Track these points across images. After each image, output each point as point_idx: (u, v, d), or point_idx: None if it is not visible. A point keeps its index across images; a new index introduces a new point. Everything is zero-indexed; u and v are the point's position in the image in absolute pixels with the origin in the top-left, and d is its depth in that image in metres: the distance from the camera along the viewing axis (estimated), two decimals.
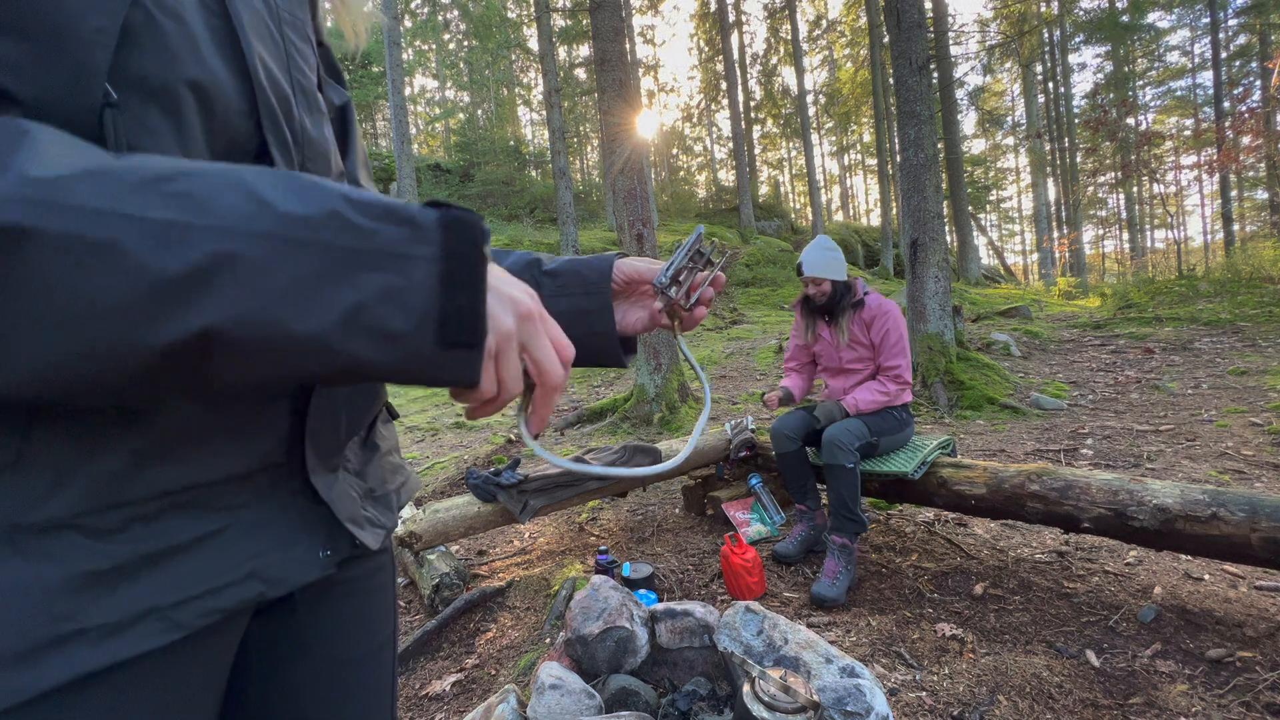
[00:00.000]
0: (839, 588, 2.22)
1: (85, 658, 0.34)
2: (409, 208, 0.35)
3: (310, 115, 0.49)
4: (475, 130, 26.00)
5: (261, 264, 0.30)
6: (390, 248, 0.34)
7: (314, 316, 0.31)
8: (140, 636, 0.37)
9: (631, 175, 5.50)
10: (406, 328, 0.34)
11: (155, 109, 0.36)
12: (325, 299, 0.32)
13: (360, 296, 0.32)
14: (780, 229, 21.22)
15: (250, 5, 0.44)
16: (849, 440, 2.34)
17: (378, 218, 0.34)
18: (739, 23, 23.00)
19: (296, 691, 0.53)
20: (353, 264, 0.32)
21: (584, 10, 13.49)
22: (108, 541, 0.36)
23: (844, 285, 2.62)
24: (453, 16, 24.20)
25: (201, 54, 0.38)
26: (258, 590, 0.43)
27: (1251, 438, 3.55)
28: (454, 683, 1.91)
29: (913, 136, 5.65)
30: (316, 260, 0.31)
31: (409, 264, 0.34)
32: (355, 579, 0.57)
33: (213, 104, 0.39)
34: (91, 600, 0.35)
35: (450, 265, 0.35)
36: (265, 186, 0.32)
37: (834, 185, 40.61)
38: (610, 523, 3.16)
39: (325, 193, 0.33)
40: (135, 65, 0.35)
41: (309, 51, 0.51)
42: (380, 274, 0.33)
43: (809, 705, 1.22)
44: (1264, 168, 15.43)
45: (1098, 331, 7.65)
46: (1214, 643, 1.74)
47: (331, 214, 0.33)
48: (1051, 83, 22.42)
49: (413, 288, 0.34)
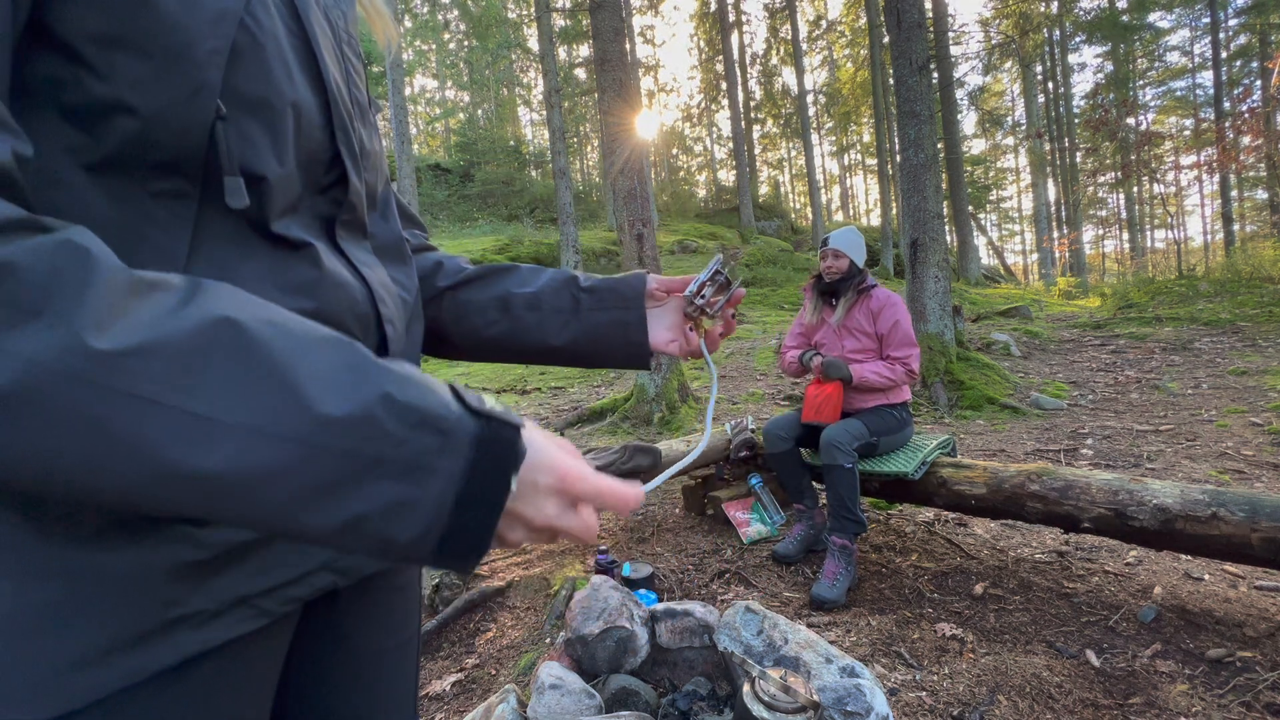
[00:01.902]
0: (838, 589, 2.21)
1: (190, 641, 0.38)
2: (448, 417, 0.34)
3: (365, 128, 0.52)
4: (475, 130, 26.03)
5: (285, 469, 0.30)
6: (414, 459, 0.32)
7: (317, 519, 0.31)
8: (235, 622, 0.40)
9: (631, 175, 5.50)
10: (407, 539, 0.33)
11: (255, 123, 0.39)
12: (333, 506, 0.31)
13: (366, 509, 0.32)
14: (780, 229, 21.23)
15: (323, 28, 0.47)
16: (847, 441, 2.34)
17: (414, 426, 0.32)
18: (739, 23, 23.00)
19: (332, 679, 0.56)
20: (370, 473, 0.31)
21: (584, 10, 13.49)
22: (209, 531, 0.39)
23: (857, 269, 2.66)
24: (453, 16, 24.18)
25: (292, 72, 0.42)
26: (330, 580, 0.47)
27: (1251, 438, 3.55)
28: (454, 683, 1.91)
29: (913, 136, 5.65)
30: (334, 468, 0.31)
31: (428, 477, 0.33)
32: (390, 573, 0.60)
33: (300, 118, 0.43)
34: (194, 588, 0.38)
35: (471, 486, 0.34)
36: (311, 379, 0.31)
37: (834, 185, 40.62)
38: (610, 523, 3.16)
39: (371, 389, 0.32)
40: (241, 82, 0.38)
41: (361, 67, 0.54)
42: (395, 484, 0.32)
43: (809, 705, 1.22)
44: (1264, 168, 15.41)
45: (1098, 331, 7.65)
46: (1214, 643, 1.74)
47: (368, 417, 0.31)
48: (1051, 83, 22.42)
49: (425, 502, 0.33)
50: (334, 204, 0.48)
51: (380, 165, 0.56)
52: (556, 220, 13.43)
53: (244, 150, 0.39)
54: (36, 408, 0.25)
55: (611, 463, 2.72)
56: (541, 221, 19.38)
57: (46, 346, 0.25)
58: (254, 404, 0.29)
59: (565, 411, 6.08)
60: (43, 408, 0.25)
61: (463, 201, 21.12)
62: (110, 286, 0.28)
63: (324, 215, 0.48)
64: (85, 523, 0.35)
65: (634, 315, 0.66)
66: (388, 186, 0.59)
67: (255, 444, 0.29)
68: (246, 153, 0.39)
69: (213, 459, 0.28)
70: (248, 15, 0.39)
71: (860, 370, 2.47)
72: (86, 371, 0.26)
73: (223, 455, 0.28)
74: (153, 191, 0.37)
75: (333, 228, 0.48)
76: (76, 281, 0.27)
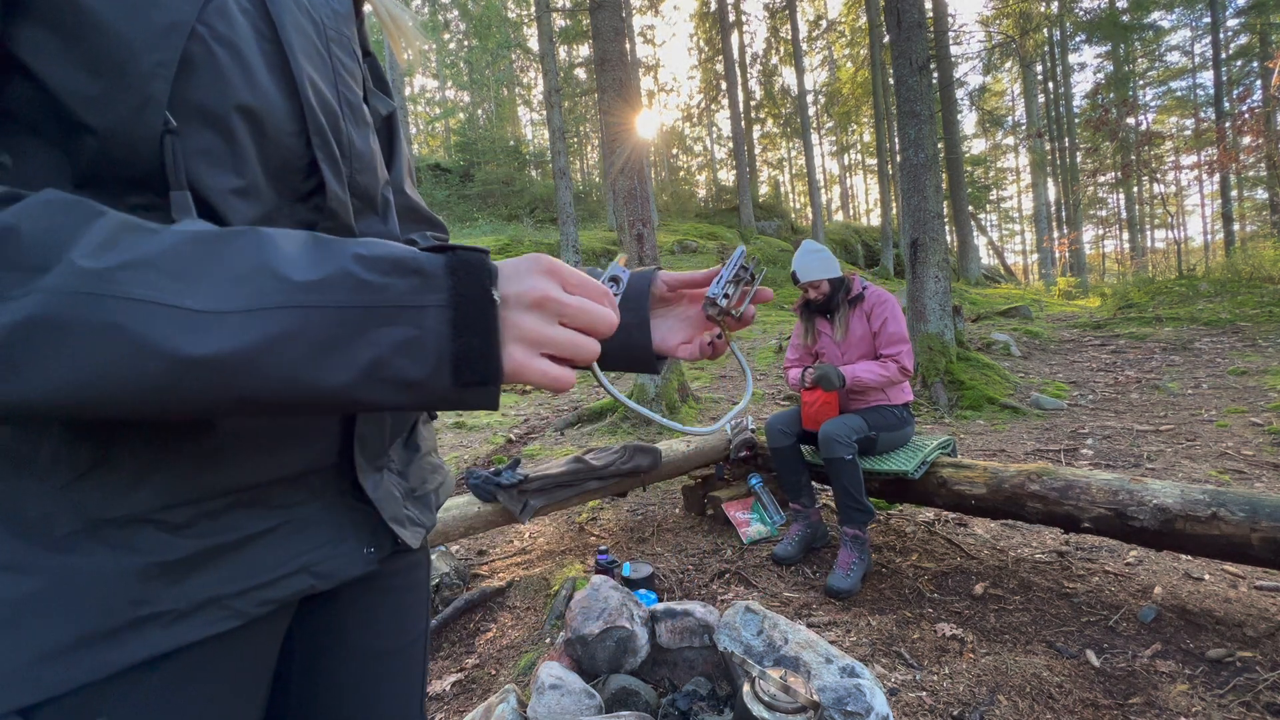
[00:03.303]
0: (853, 578, 2.24)
1: (159, 639, 0.39)
2: (417, 258, 0.37)
3: (357, 128, 0.51)
4: (475, 130, 26.02)
5: (284, 335, 0.33)
6: (402, 300, 0.35)
7: (336, 375, 0.34)
8: (205, 622, 0.41)
9: (631, 175, 5.50)
10: (423, 375, 0.36)
11: (211, 133, 0.39)
12: (345, 358, 0.34)
13: (378, 352, 0.35)
14: (780, 229, 21.22)
15: (300, 27, 0.46)
16: (846, 434, 2.35)
17: (387, 272, 0.36)
18: (739, 23, 23.00)
19: (334, 680, 0.56)
20: (368, 321, 0.34)
21: (584, 10, 13.49)
22: (179, 535, 0.39)
23: (839, 281, 2.64)
24: (453, 16, 24.19)
25: (255, 79, 0.41)
26: (308, 583, 0.47)
27: (1251, 438, 3.55)
28: (454, 683, 1.91)
29: (913, 136, 5.65)
30: (333, 323, 0.34)
31: (421, 314, 0.36)
32: (394, 574, 0.59)
33: (264, 126, 0.42)
34: (164, 588, 0.39)
35: (461, 310, 0.36)
36: (281, 258, 0.34)
37: (834, 185, 40.62)
38: (610, 523, 3.15)
39: (338, 253, 0.35)
40: (192, 93, 0.38)
41: (354, 66, 0.53)
42: (395, 327, 0.35)
43: (809, 705, 1.22)
44: (1264, 168, 15.41)
45: (1098, 331, 7.65)
46: (1214, 643, 1.74)
47: (344, 274, 0.35)
48: (1051, 83, 22.42)
49: (426, 337, 0.36)
50: (315, 211, 0.47)
51: (378, 166, 0.55)
52: (556, 220, 13.43)
53: (196, 164, 0.39)
54: (59, 328, 0.29)
55: (611, 462, 2.72)
56: (541, 221, 19.38)
57: (54, 278, 0.29)
58: (239, 291, 0.32)
59: (565, 411, 6.08)
60: (63, 327, 0.29)
61: (463, 201, 21.12)
62: (99, 227, 0.31)
63: (305, 223, 0.47)
64: (57, 525, 0.36)
65: (636, 318, 0.61)
66: (388, 186, 0.58)
67: (252, 321, 0.32)
68: (199, 166, 0.39)
69: (220, 342, 0.31)
70: (201, 24, 0.38)
71: (851, 371, 2.47)
72: (89, 286, 0.29)
73: (226, 337, 0.31)
74: (129, 206, 0.37)
75: None
76: (70, 229, 0.30)
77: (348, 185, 0.50)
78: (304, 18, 0.47)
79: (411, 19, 0.61)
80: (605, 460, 2.73)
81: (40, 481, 0.36)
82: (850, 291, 2.63)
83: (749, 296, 0.63)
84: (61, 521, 0.36)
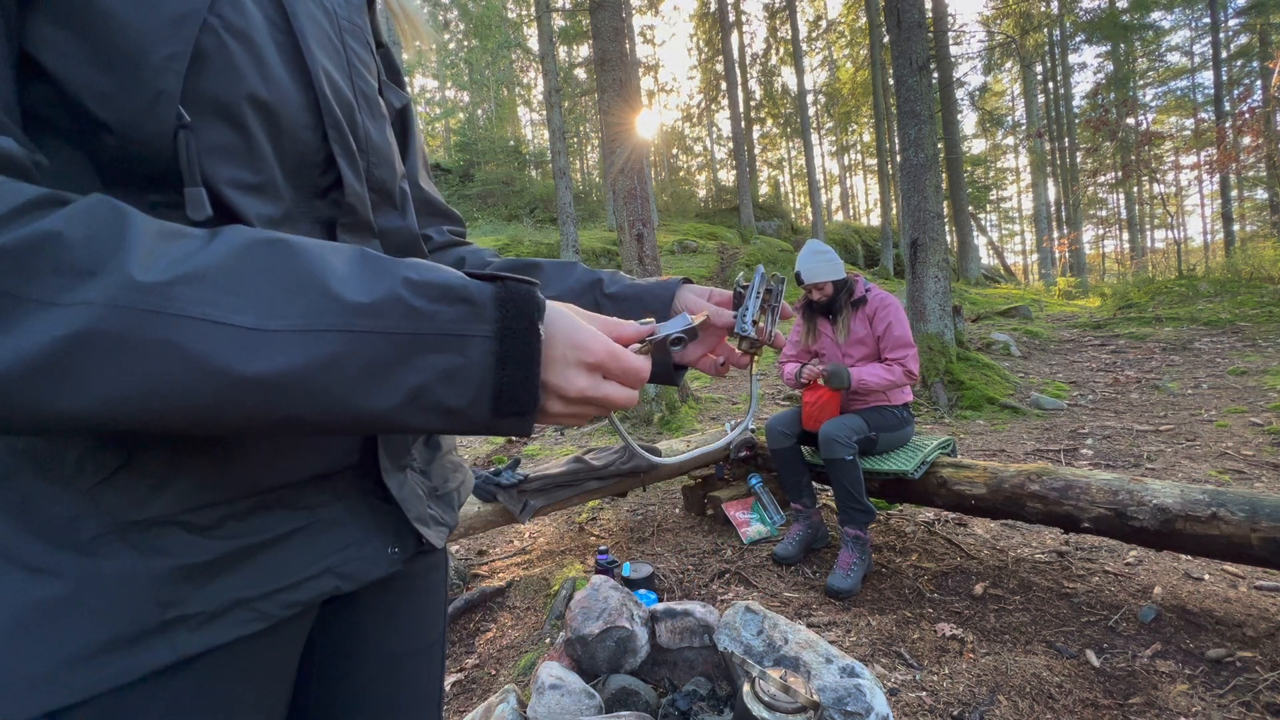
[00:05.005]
0: (853, 578, 2.25)
1: (187, 642, 0.38)
2: (466, 285, 0.37)
3: (373, 121, 0.51)
4: (475, 130, 25.98)
5: (335, 358, 0.33)
6: (449, 329, 0.36)
7: (379, 400, 0.34)
8: (232, 624, 0.40)
9: (631, 175, 5.50)
10: (463, 404, 0.36)
11: (225, 128, 0.39)
12: (389, 384, 0.34)
13: (422, 379, 0.35)
14: (780, 229, 21.22)
15: (314, 18, 0.45)
16: (846, 434, 2.35)
17: (436, 299, 0.36)
18: (739, 23, 23.00)
19: (354, 682, 0.55)
20: (415, 348, 0.35)
21: (584, 10, 13.49)
22: (205, 537, 0.39)
23: (842, 282, 2.64)
24: (453, 16, 24.18)
25: (269, 72, 0.40)
26: (333, 585, 0.46)
27: (1251, 438, 3.55)
28: (454, 683, 1.91)
29: (913, 136, 5.65)
30: (383, 348, 0.34)
31: (467, 344, 0.36)
32: (413, 575, 0.59)
33: (279, 119, 0.41)
34: (191, 590, 0.38)
35: (506, 343, 0.37)
36: (335, 279, 0.34)
37: (834, 185, 40.58)
38: (610, 523, 3.15)
39: (388, 275, 0.35)
40: (205, 87, 0.37)
41: (369, 57, 0.53)
42: (440, 355, 0.35)
43: (809, 705, 1.22)
44: (1264, 168, 15.41)
45: (1098, 331, 7.66)
46: (1214, 643, 1.74)
47: (394, 298, 0.35)
48: (1051, 83, 22.41)
49: (471, 368, 0.36)
50: (334, 206, 0.46)
51: (395, 159, 0.54)
52: (556, 220, 13.43)
53: (212, 159, 0.38)
54: (114, 343, 0.29)
55: (611, 462, 2.72)
56: (541, 221, 19.38)
57: (107, 289, 0.29)
58: (292, 309, 0.32)
59: None
60: (119, 340, 0.29)
61: (462, 201, 21.11)
62: (143, 234, 0.31)
63: (325, 219, 0.46)
64: (84, 528, 0.36)
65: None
66: (404, 179, 0.57)
67: (303, 341, 0.32)
68: (214, 162, 0.38)
69: (271, 361, 0.31)
70: (212, 15, 0.37)
71: (858, 373, 2.47)
72: (144, 303, 0.29)
73: (278, 356, 0.31)
74: (150, 204, 0.37)
75: (334, 232, 0.47)
76: (115, 235, 0.30)
77: (365, 179, 0.49)
78: (317, 8, 0.46)
79: (422, 12, 0.61)
80: (605, 460, 2.73)
81: (66, 485, 0.36)
82: (854, 293, 2.63)
83: (775, 318, 0.62)
84: (88, 524, 0.36)
